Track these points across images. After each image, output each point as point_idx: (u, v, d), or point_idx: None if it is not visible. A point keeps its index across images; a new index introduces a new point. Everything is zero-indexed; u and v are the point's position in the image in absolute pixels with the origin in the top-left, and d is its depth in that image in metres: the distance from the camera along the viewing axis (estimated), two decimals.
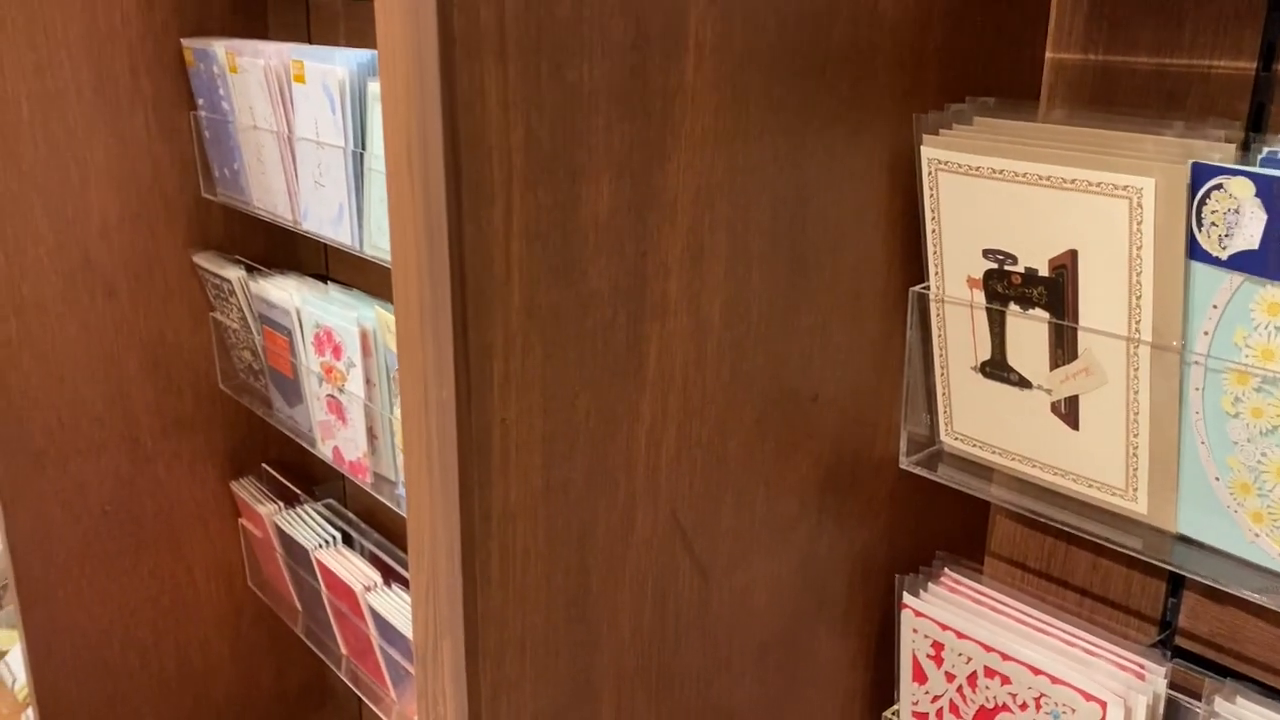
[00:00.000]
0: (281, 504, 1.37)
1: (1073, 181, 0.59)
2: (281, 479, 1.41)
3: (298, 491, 1.38)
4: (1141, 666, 0.66)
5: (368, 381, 1.10)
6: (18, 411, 1.26)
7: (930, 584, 0.74)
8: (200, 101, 1.26)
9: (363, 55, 0.99)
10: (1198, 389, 0.58)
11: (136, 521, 1.38)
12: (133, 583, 1.40)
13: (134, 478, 1.37)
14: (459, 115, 0.48)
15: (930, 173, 0.65)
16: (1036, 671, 0.67)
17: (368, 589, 1.20)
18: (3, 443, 1.27)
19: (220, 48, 1.17)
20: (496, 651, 0.57)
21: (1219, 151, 0.55)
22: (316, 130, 1.06)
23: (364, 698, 1.30)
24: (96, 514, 1.35)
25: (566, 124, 0.52)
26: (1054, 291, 0.62)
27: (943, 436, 0.72)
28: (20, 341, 1.24)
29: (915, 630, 0.73)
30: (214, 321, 1.36)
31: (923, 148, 0.65)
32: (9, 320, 1.23)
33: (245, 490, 1.42)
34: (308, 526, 1.32)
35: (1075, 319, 0.62)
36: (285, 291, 1.20)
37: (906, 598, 0.73)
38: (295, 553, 1.33)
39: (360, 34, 1.20)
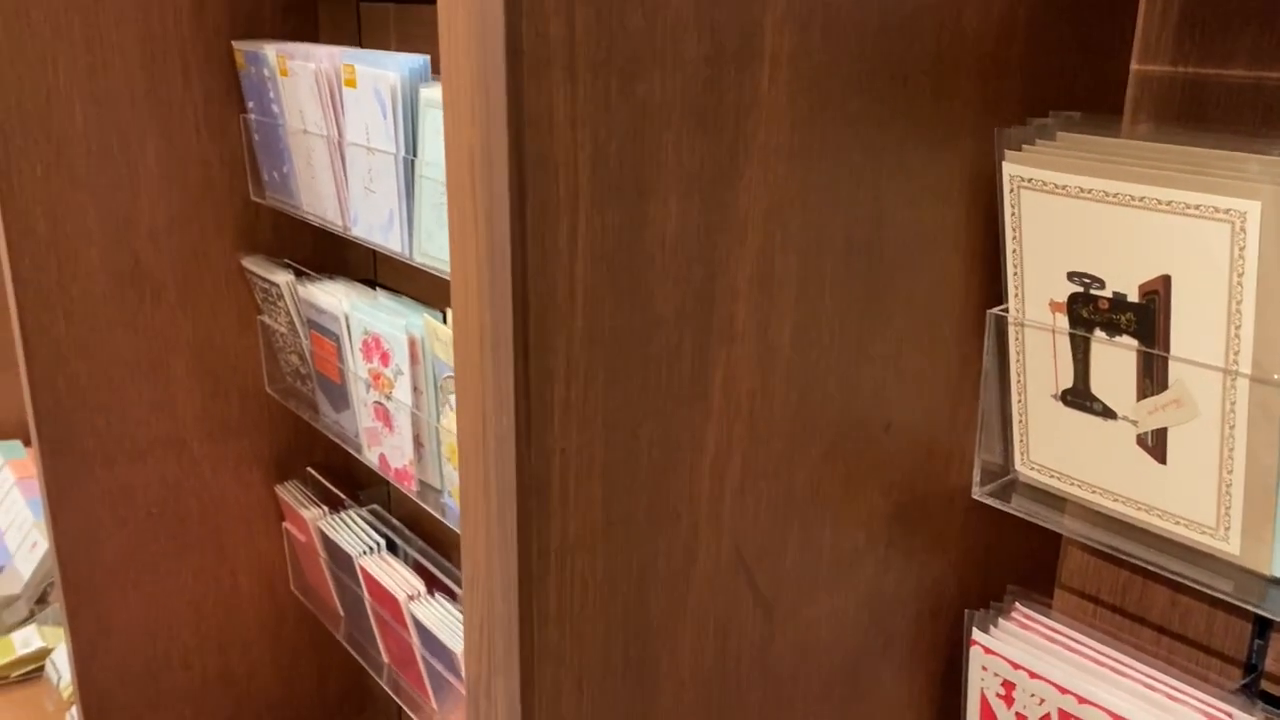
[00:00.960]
0: (326, 509, 1.36)
1: (1169, 204, 0.56)
2: (326, 484, 1.40)
3: (342, 496, 1.37)
4: (1230, 715, 0.62)
5: (415, 389, 1.09)
6: (66, 413, 1.26)
7: (1001, 619, 0.71)
8: (250, 104, 1.25)
9: (415, 60, 0.97)
10: None
11: (181, 524, 1.38)
12: (177, 585, 1.40)
13: (180, 480, 1.36)
14: (525, 133, 0.46)
15: (1012, 190, 0.62)
16: (1115, 717, 0.64)
17: (411, 598, 1.19)
18: (51, 444, 1.27)
19: (271, 50, 1.16)
20: (552, 690, 0.54)
21: None
22: (367, 135, 1.05)
23: (405, 707, 1.29)
24: (142, 516, 1.35)
25: (635, 141, 0.49)
26: (1144, 318, 0.59)
27: (1018, 466, 0.69)
28: (69, 343, 1.24)
29: (985, 668, 0.70)
30: (261, 325, 1.35)
31: (1004, 164, 0.62)
32: (59, 322, 1.23)
33: (290, 494, 1.41)
34: (352, 532, 1.31)
35: (1166, 348, 0.59)
36: (334, 297, 1.18)
37: (976, 634, 0.70)
38: (339, 558, 1.32)
39: (411, 38, 1.19)
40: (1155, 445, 0.61)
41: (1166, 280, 0.57)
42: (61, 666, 1.58)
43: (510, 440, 0.50)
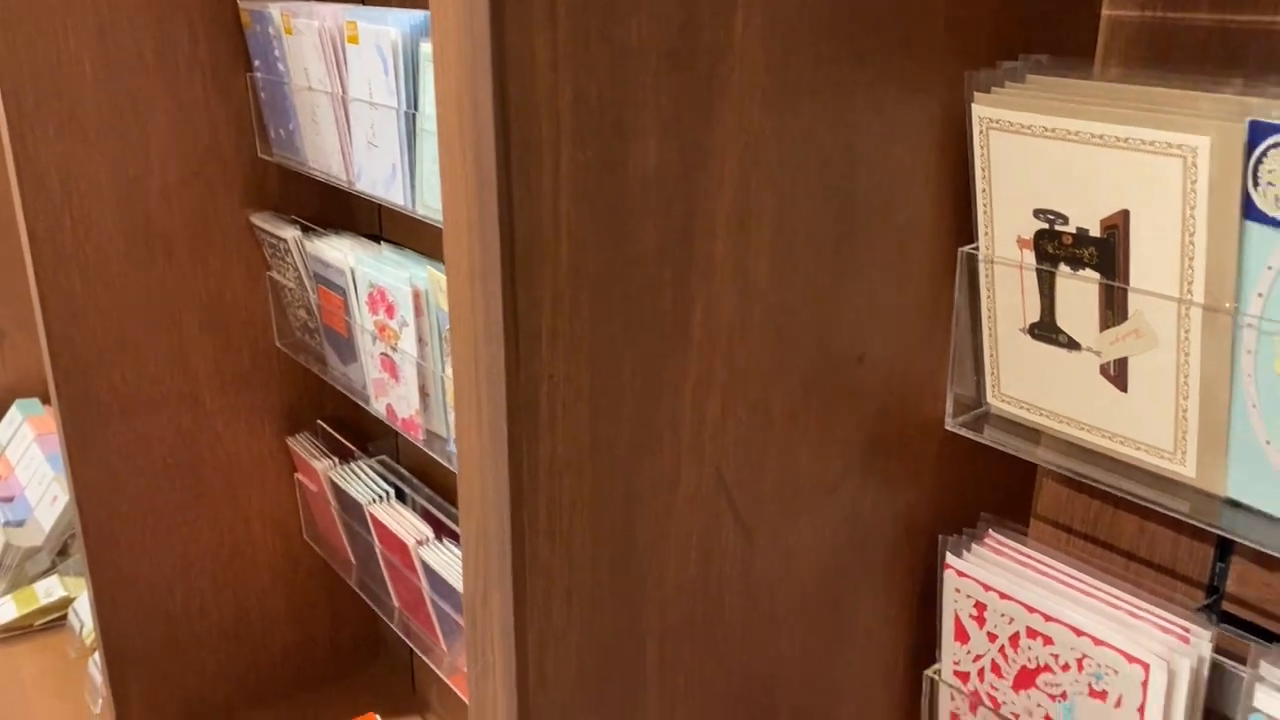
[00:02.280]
0: (336, 459, 1.40)
1: (1125, 140, 0.59)
2: (336, 435, 1.44)
3: (352, 448, 1.42)
4: (1186, 630, 0.66)
5: (420, 340, 1.12)
6: (83, 368, 1.31)
7: (974, 545, 0.75)
8: (256, 63, 1.28)
9: (415, 16, 1.00)
10: (1250, 351, 0.58)
11: (196, 475, 1.43)
12: (193, 534, 1.45)
13: (194, 433, 1.41)
14: (508, 76, 0.49)
15: (981, 131, 0.65)
16: (1079, 633, 0.67)
17: (420, 543, 1.23)
18: (69, 398, 1.31)
19: (275, 9, 1.18)
20: (544, 602, 0.58)
21: (1278, 109, 0.54)
22: (370, 91, 1.08)
23: (416, 649, 1.33)
24: (158, 468, 1.40)
25: (614, 83, 0.52)
26: (1105, 252, 0.62)
27: (989, 398, 0.72)
28: (85, 300, 1.28)
29: (958, 590, 0.73)
30: (270, 280, 1.39)
31: (974, 105, 0.65)
32: (74, 279, 1.27)
33: (301, 446, 1.45)
34: (361, 482, 1.35)
35: (1126, 280, 0.62)
36: (340, 251, 1.22)
37: (950, 558, 0.73)
38: (349, 507, 1.36)
39: None
40: (1117, 375, 0.65)
41: (1125, 215, 0.60)
42: (83, 615, 1.63)
43: (500, 366, 0.53)
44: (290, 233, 1.28)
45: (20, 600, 1.73)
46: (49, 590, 1.75)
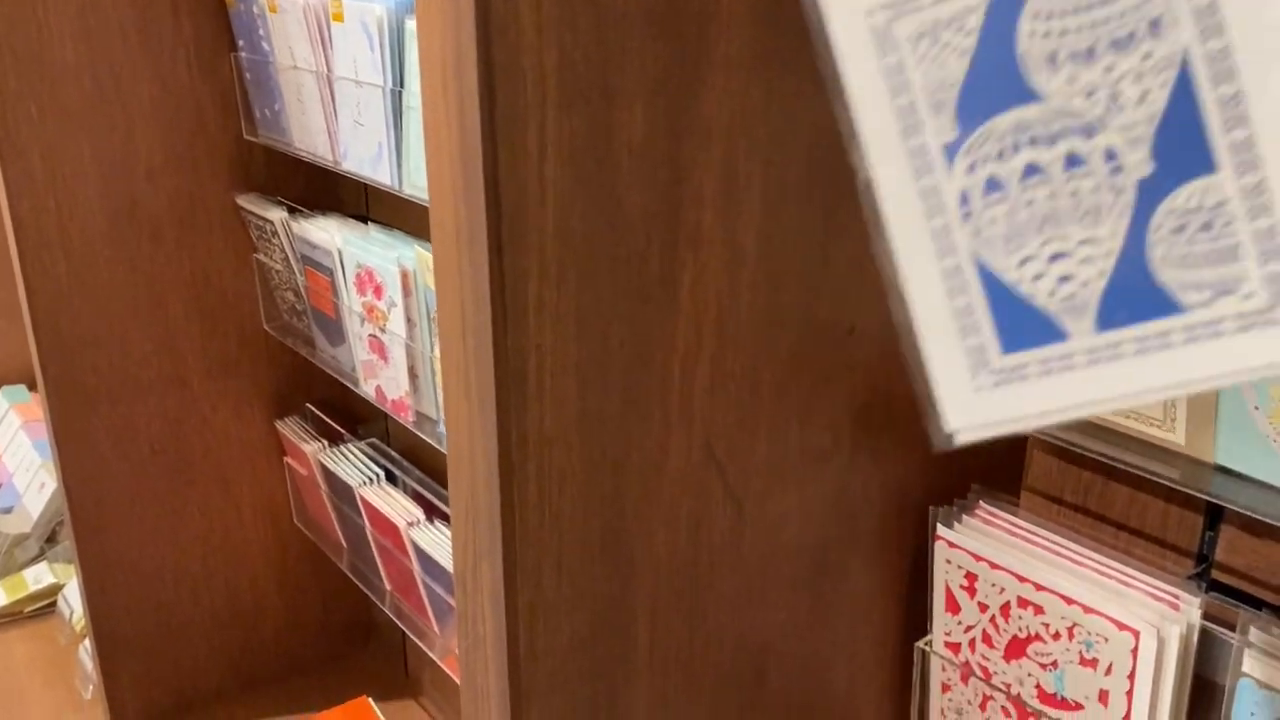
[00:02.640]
0: (326, 442, 1.40)
1: None
2: (325, 418, 1.44)
3: (341, 430, 1.41)
4: (1176, 597, 0.66)
5: (409, 321, 1.12)
6: (69, 352, 1.30)
7: (965, 516, 0.75)
8: (241, 43, 1.27)
9: None
10: None
11: (185, 460, 1.42)
12: (182, 520, 1.44)
13: (182, 417, 1.40)
14: (493, 40, 0.48)
15: None
16: (1070, 601, 0.68)
17: (411, 525, 1.23)
18: (56, 382, 1.30)
19: None
20: (534, 573, 0.58)
21: None
22: (355, 69, 1.07)
23: (408, 632, 1.33)
24: (146, 453, 1.39)
25: (600, 47, 0.52)
26: None
27: None
28: (70, 283, 1.27)
29: (949, 561, 0.73)
30: (257, 263, 1.38)
31: None
32: (59, 262, 1.26)
33: (290, 429, 1.45)
34: (352, 464, 1.35)
35: None
36: (326, 232, 1.21)
37: (940, 529, 0.73)
38: (340, 490, 1.35)
39: None
40: None
41: None
42: (73, 601, 1.63)
43: (488, 335, 0.53)
44: (277, 214, 1.27)
45: (9, 587, 1.73)
46: (38, 577, 1.74)
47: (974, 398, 0.35)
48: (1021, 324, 0.34)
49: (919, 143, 0.33)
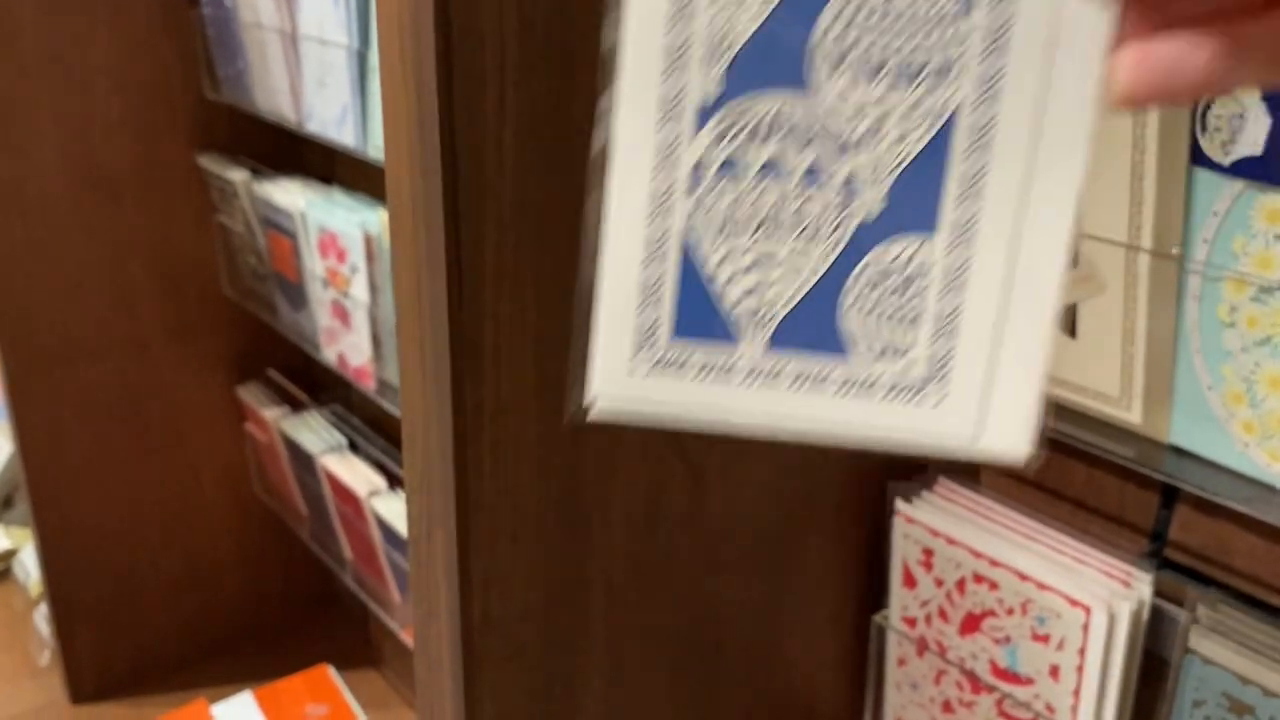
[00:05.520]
0: (287, 409, 1.38)
1: None
2: (287, 385, 1.42)
3: (303, 397, 1.40)
4: (1129, 575, 0.67)
5: (372, 286, 1.10)
6: (25, 314, 1.27)
7: (924, 492, 0.75)
8: None
9: None
10: (1195, 298, 0.58)
11: (144, 425, 1.40)
12: (141, 485, 1.43)
13: (141, 382, 1.38)
14: (451, 2, 0.47)
15: None
16: (1024, 577, 0.68)
17: (373, 494, 1.22)
18: (11, 344, 1.28)
19: None
20: (488, 542, 0.57)
21: None
22: (320, 28, 1.05)
23: (369, 602, 1.33)
24: (104, 417, 1.37)
25: (562, 12, 0.51)
26: None
27: None
28: (26, 243, 1.25)
29: (907, 536, 0.74)
30: (219, 225, 1.36)
31: None
32: (14, 222, 1.23)
33: (251, 395, 1.43)
34: (313, 432, 1.34)
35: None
36: (289, 194, 1.19)
37: (899, 504, 0.74)
38: (301, 458, 1.34)
39: None
40: (1065, 321, 0.65)
41: None
42: (29, 565, 1.61)
43: (443, 304, 0.52)
44: (239, 175, 1.25)
45: None
46: None
47: (627, 373, 0.33)
48: (700, 316, 0.33)
49: (678, 86, 0.32)
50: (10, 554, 1.69)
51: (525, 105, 0.51)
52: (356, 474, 1.26)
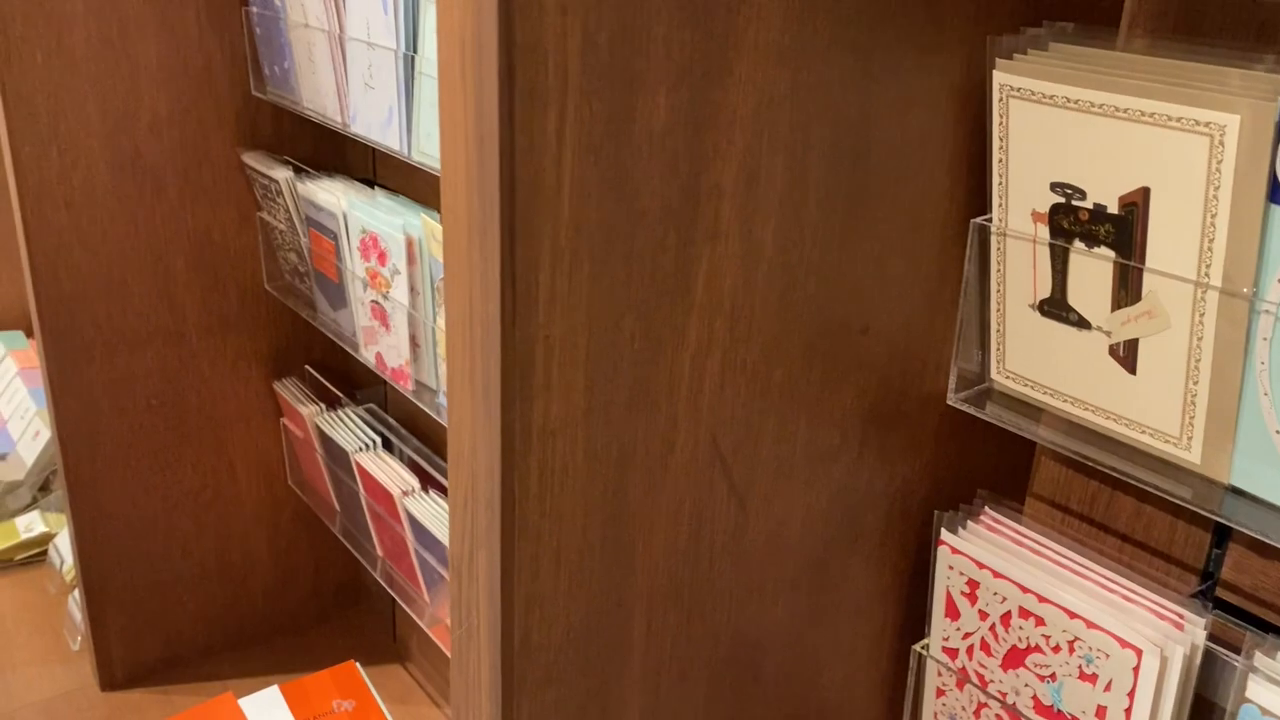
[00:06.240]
0: (323, 406, 1.39)
1: (1151, 115, 0.57)
2: (324, 381, 1.42)
3: (339, 394, 1.40)
4: (1181, 616, 0.65)
5: (412, 289, 1.10)
6: (67, 303, 1.28)
7: (969, 522, 0.74)
8: None
9: None
10: (1266, 339, 0.56)
11: (180, 416, 1.41)
12: (176, 475, 1.43)
13: (179, 373, 1.38)
14: (515, 19, 0.46)
15: (1001, 100, 0.63)
16: (1072, 615, 0.67)
17: (405, 494, 1.22)
18: (53, 334, 1.29)
19: None
20: (532, 565, 0.57)
21: None
22: (368, 30, 1.04)
23: (398, 598, 1.33)
24: (142, 407, 1.38)
25: (625, 32, 0.50)
26: (1122, 230, 0.60)
27: (993, 374, 0.70)
28: (71, 233, 1.25)
29: (951, 567, 0.72)
30: (261, 222, 1.36)
31: (995, 73, 0.62)
32: (60, 211, 1.24)
33: (287, 391, 1.43)
34: (348, 429, 1.34)
35: (1142, 259, 0.60)
36: (332, 195, 1.19)
37: (944, 534, 0.72)
38: (335, 454, 1.34)
39: None
40: (1126, 356, 0.63)
41: (1145, 192, 0.58)
42: (64, 551, 1.62)
43: (495, 325, 0.51)
44: (282, 174, 1.25)
45: (0, 534, 1.72)
46: (30, 525, 1.73)
47: None
48: None
49: None
50: (46, 538, 1.71)
51: (585, 126, 0.50)
52: (390, 473, 1.26)
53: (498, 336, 0.52)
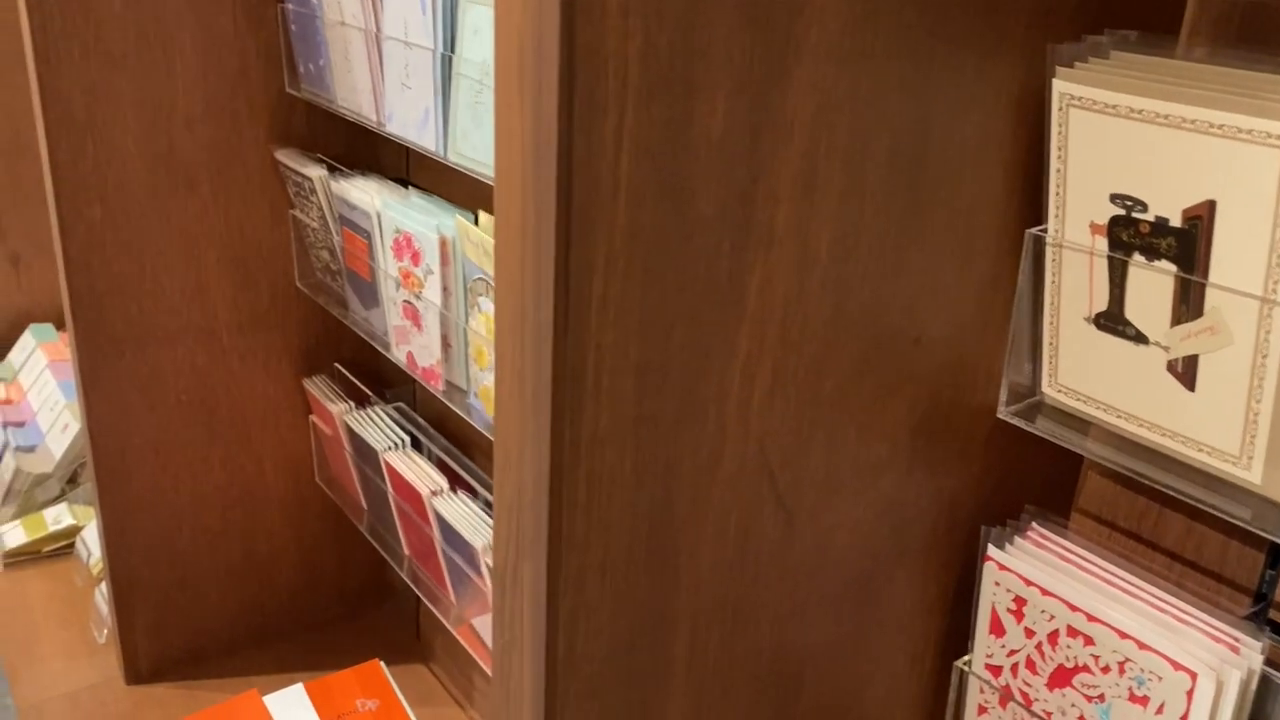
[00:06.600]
0: (352, 404, 1.38)
1: (1220, 127, 0.55)
2: (354, 379, 1.42)
3: (369, 393, 1.39)
4: (1236, 639, 0.64)
5: (444, 290, 1.09)
6: (99, 297, 1.28)
7: (1017, 537, 0.72)
8: None
9: None
10: None
11: (210, 412, 1.41)
12: (204, 471, 1.43)
13: (209, 369, 1.38)
14: (577, 21, 0.45)
15: (1061, 108, 0.61)
16: (1123, 635, 0.65)
17: (434, 494, 1.21)
18: (85, 327, 1.29)
19: None
20: (577, 576, 0.56)
21: None
22: (405, 30, 1.04)
23: (423, 597, 1.32)
24: (172, 402, 1.38)
25: (686, 35, 0.49)
26: (1185, 244, 0.59)
27: (1045, 388, 0.69)
28: (105, 228, 1.25)
29: (997, 584, 0.71)
30: (293, 219, 1.36)
31: (1055, 81, 0.61)
32: (94, 208, 1.24)
33: (317, 388, 1.43)
34: (377, 428, 1.33)
35: (1205, 274, 0.58)
36: (366, 194, 1.18)
37: (991, 550, 0.71)
38: (364, 453, 1.34)
39: None
40: (1185, 372, 0.62)
41: (1211, 206, 0.57)
42: (91, 544, 1.62)
43: (548, 332, 0.51)
44: (316, 171, 1.25)
45: (29, 526, 1.73)
46: (58, 518, 1.74)
47: None
48: None
49: None
50: (74, 531, 1.71)
51: (643, 131, 0.49)
52: (419, 472, 1.25)
53: (549, 344, 0.51)
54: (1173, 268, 0.60)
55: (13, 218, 2.03)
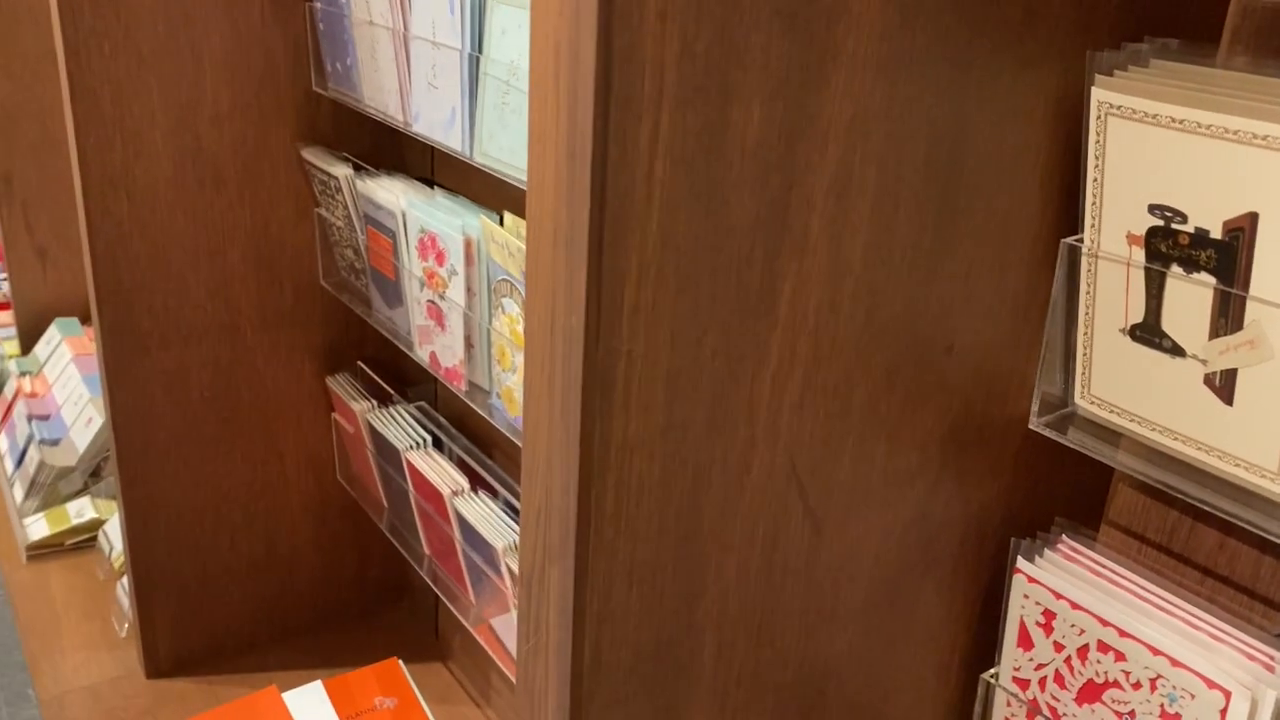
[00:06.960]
0: (374, 402, 1.38)
1: (1265, 138, 0.54)
2: (376, 378, 1.42)
3: (391, 391, 1.39)
4: (1272, 657, 0.63)
5: (468, 290, 1.09)
6: (125, 293, 1.29)
7: (1046, 550, 0.71)
8: None
9: None
10: None
11: (233, 408, 1.41)
12: (227, 467, 1.44)
13: (233, 366, 1.39)
14: (614, 24, 0.45)
15: (1099, 117, 0.60)
16: (1156, 652, 0.64)
17: (455, 494, 1.21)
18: (110, 322, 1.29)
19: None
20: (604, 583, 0.55)
21: None
22: (433, 30, 1.04)
23: (442, 596, 1.32)
24: (195, 398, 1.38)
25: (723, 40, 0.48)
26: (1226, 256, 0.58)
27: (1078, 399, 0.68)
28: (131, 223, 1.26)
29: (1027, 596, 0.70)
30: (318, 217, 1.36)
31: (1094, 89, 0.60)
32: (122, 201, 1.24)
33: (339, 386, 1.43)
34: (399, 427, 1.33)
35: (1246, 287, 0.57)
36: (391, 193, 1.18)
37: (1021, 562, 0.70)
38: (385, 451, 1.34)
39: None
40: (1223, 386, 0.61)
41: (1253, 218, 0.56)
42: (113, 537, 1.63)
43: (579, 339, 0.50)
44: (342, 170, 1.25)
45: (52, 519, 1.74)
46: (80, 511, 1.75)
47: None
48: None
49: None
50: (96, 524, 1.72)
51: (678, 137, 0.49)
52: (441, 472, 1.25)
53: (580, 350, 0.50)
54: (1212, 280, 0.59)
55: (40, 212, 2.04)
